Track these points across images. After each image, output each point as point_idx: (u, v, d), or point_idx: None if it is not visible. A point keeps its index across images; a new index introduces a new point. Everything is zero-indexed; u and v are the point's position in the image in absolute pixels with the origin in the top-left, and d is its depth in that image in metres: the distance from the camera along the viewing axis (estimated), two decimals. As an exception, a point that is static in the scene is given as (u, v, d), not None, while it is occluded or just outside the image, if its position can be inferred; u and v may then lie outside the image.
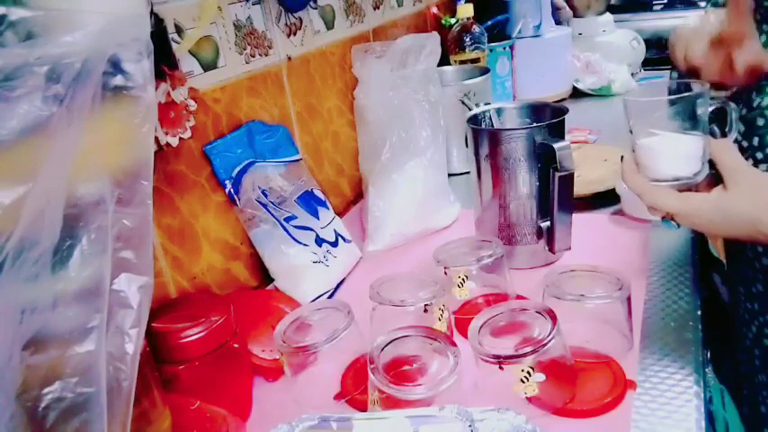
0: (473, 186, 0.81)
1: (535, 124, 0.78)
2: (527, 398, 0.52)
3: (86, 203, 0.37)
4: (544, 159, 0.72)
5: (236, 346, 0.60)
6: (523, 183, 0.75)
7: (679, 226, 0.58)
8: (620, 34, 1.53)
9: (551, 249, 0.76)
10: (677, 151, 0.56)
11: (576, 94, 1.47)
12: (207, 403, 0.54)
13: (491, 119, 0.84)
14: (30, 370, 0.34)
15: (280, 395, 0.63)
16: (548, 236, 0.76)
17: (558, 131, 0.73)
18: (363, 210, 0.96)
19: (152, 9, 0.59)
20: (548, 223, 0.75)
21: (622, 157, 0.59)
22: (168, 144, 0.65)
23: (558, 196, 0.72)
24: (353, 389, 0.60)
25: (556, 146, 0.69)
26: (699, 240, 0.81)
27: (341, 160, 1.05)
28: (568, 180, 0.71)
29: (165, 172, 0.68)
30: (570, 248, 0.76)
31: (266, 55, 0.84)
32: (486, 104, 0.86)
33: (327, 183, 1.01)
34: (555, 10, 1.53)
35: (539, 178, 0.74)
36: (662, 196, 0.54)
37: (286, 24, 0.88)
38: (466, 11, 1.26)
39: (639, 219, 0.84)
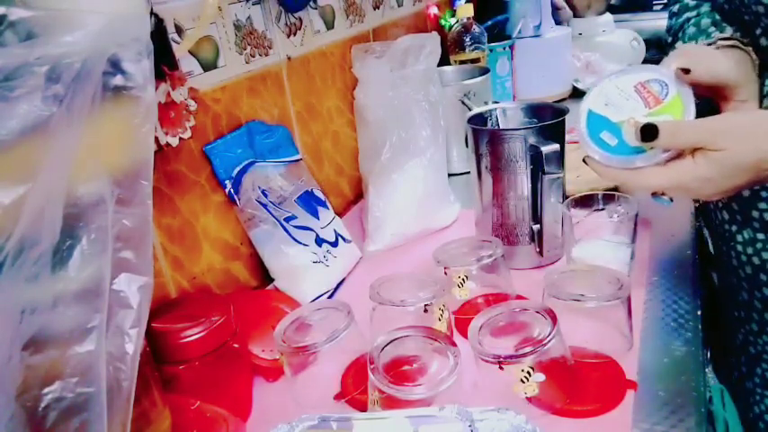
0: (473, 186, 0.81)
1: (531, 125, 0.78)
2: (527, 398, 0.52)
3: (86, 203, 0.37)
4: (535, 161, 0.72)
5: (236, 346, 0.60)
6: (520, 184, 0.75)
7: (672, 200, 0.58)
8: (620, 34, 1.53)
9: (540, 252, 0.76)
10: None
11: (576, 94, 1.47)
12: (207, 403, 0.54)
13: (497, 118, 0.84)
14: (30, 370, 0.34)
15: (280, 395, 0.63)
16: (538, 239, 0.76)
17: (555, 132, 0.73)
18: (363, 210, 0.95)
19: (152, 9, 0.59)
20: (538, 226, 0.75)
21: (584, 159, 0.60)
22: (168, 144, 0.65)
23: (547, 199, 0.72)
24: (353, 389, 0.60)
25: (543, 149, 0.69)
26: (699, 240, 0.81)
27: (341, 160, 1.05)
28: (555, 183, 0.71)
29: (165, 172, 0.68)
30: (561, 255, 0.76)
31: (266, 55, 0.84)
32: (494, 102, 0.86)
33: (327, 183, 1.01)
34: (555, 10, 1.53)
35: (531, 180, 0.74)
36: (648, 176, 0.55)
37: (286, 24, 0.88)
38: (466, 11, 1.26)
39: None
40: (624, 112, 0.58)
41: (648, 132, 0.53)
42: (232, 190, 0.75)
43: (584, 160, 0.60)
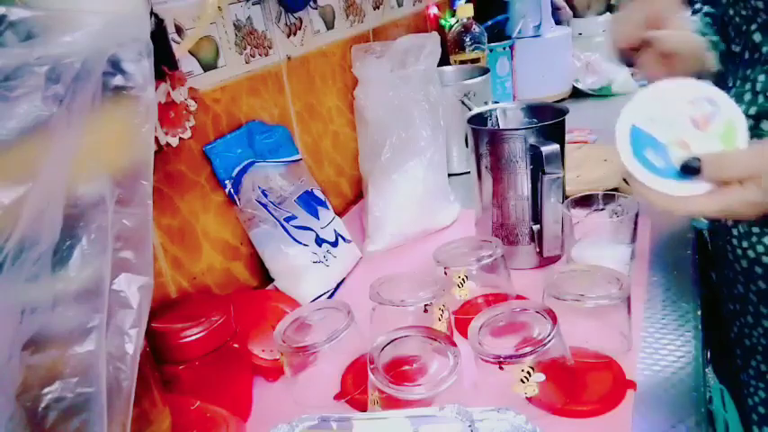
0: (473, 186, 0.81)
1: (531, 125, 0.78)
2: (527, 398, 0.52)
3: (86, 203, 0.37)
4: (535, 161, 0.72)
5: (236, 346, 0.60)
6: (520, 184, 0.75)
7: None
8: (620, 34, 1.52)
9: (540, 252, 0.76)
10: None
11: (576, 94, 1.47)
12: (207, 403, 0.54)
13: (497, 118, 0.84)
14: (30, 370, 0.34)
15: (280, 395, 0.63)
16: (538, 239, 0.76)
17: (555, 132, 0.73)
18: (363, 210, 0.96)
19: (152, 9, 0.59)
20: (538, 226, 0.75)
21: (625, 179, 0.56)
22: (168, 144, 0.65)
23: (547, 199, 0.72)
24: (353, 389, 0.60)
25: (543, 149, 0.69)
26: (698, 240, 0.81)
27: (341, 160, 1.05)
28: (555, 183, 0.71)
29: (165, 172, 0.68)
30: (561, 255, 0.76)
31: (266, 55, 0.84)
32: (495, 102, 0.86)
33: (327, 183, 1.01)
34: (555, 10, 1.53)
35: (531, 180, 0.74)
36: (695, 203, 0.51)
37: (286, 24, 0.88)
38: (466, 11, 1.26)
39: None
40: (673, 132, 0.53)
41: (692, 168, 0.51)
42: (232, 190, 0.75)
43: (624, 180, 0.57)
